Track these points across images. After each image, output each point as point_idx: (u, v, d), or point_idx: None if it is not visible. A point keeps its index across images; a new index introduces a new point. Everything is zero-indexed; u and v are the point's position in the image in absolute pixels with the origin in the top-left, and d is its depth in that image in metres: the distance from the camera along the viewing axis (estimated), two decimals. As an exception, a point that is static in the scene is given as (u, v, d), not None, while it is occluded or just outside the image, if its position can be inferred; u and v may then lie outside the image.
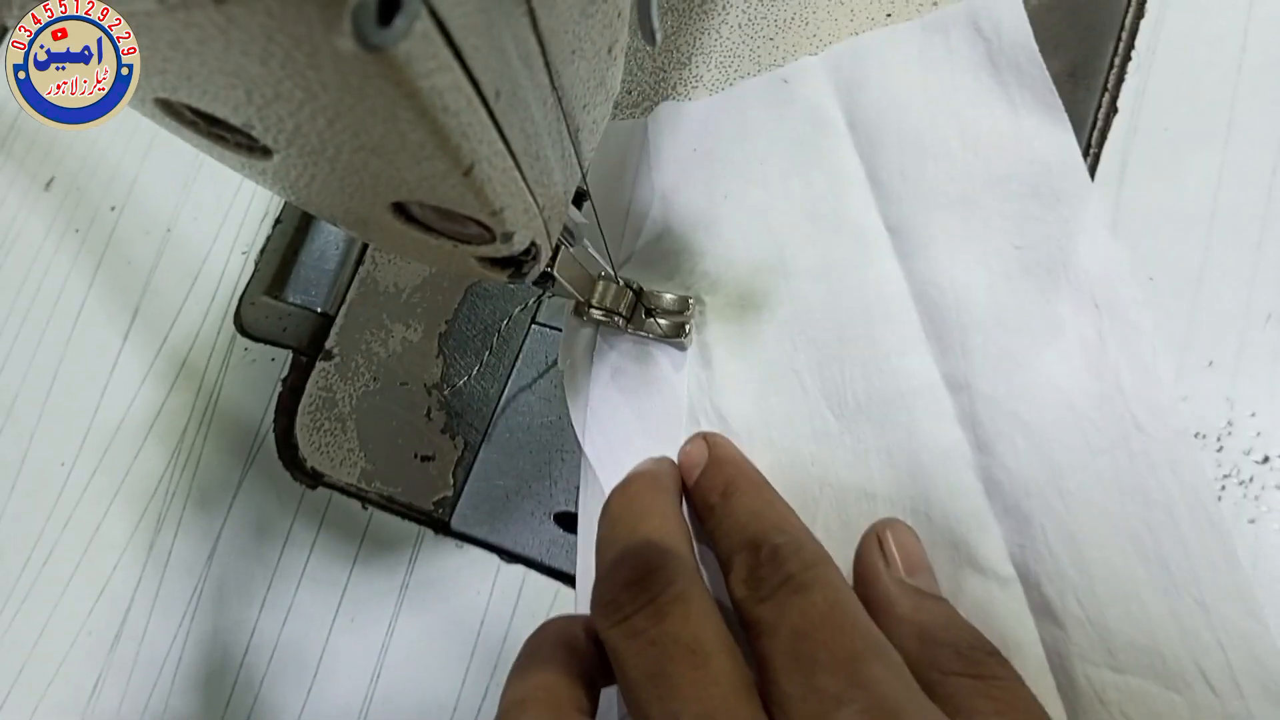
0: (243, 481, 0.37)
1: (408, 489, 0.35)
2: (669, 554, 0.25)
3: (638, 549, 0.25)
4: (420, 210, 0.21)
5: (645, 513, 0.27)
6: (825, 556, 0.25)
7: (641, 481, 0.29)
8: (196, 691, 0.35)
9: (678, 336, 0.32)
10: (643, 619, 0.23)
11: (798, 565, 0.24)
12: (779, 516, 0.27)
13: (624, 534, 0.26)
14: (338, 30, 0.13)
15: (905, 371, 0.30)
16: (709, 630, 0.23)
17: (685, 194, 0.35)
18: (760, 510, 0.28)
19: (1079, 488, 0.27)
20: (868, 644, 0.22)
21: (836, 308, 0.32)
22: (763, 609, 0.24)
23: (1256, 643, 0.25)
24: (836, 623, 0.23)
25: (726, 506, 0.28)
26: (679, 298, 0.33)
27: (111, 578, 0.37)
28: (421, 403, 0.36)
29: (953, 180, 0.31)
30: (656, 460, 0.30)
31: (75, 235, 0.42)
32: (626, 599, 0.24)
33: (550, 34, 0.19)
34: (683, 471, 0.30)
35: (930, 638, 0.24)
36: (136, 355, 0.40)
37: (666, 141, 0.36)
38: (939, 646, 0.24)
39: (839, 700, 0.21)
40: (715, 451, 0.30)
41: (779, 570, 0.25)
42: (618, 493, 0.28)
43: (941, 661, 0.24)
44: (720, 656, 0.23)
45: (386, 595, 0.34)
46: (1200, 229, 0.29)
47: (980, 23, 0.32)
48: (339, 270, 0.39)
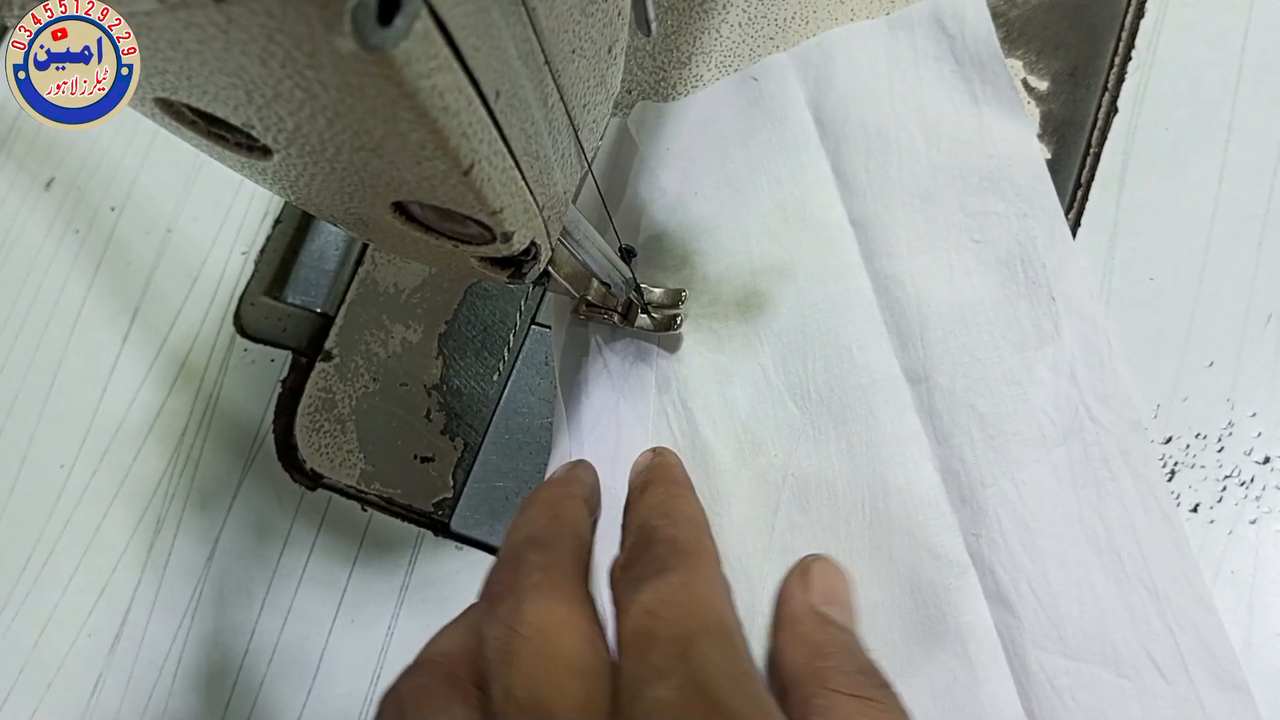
0: (242, 483, 0.37)
1: (407, 490, 0.35)
2: (544, 548, 0.25)
3: (519, 547, 0.26)
4: (420, 210, 0.21)
5: (538, 516, 0.28)
6: (701, 546, 0.25)
7: (549, 489, 0.29)
8: (196, 692, 0.35)
9: (669, 329, 0.32)
10: (505, 607, 0.24)
11: (666, 548, 0.25)
12: (672, 506, 0.27)
13: (514, 535, 0.27)
14: (338, 30, 0.13)
15: (867, 365, 0.31)
16: (561, 614, 0.23)
17: (658, 192, 0.35)
18: (660, 501, 0.28)
19: (1033, 478, 0.28)
20: (708, 624, 0.23)
21: (801, 303, 0.32)
22: (622, 588, 0.25)
23: (1206, 630, 0.26)
24: (683, 602, 0.23)
25: (637, 501, 0.29)
26: (670, 291, 0.33)
27: (111, 579, 0.37)
28: (421, 404, 0.36)
29: (915, 176, 0.32)
30: (572, 465, 0.31)
31: (75, 235, 0.42)
32: (500, 590, 0.25)
33: (550, 34, 0.19)
34: (630, 482, 0.31)
35: (822, 654, 0.25)
36: (136, 356, 0.40)
37: (643, 141, 0.36)
38: (828, 664, 0.25)
39: (660, 674, 0.21)
40: (658, 462, 0.31)
41: (648, 552, 0.25)
42: (524, 502, 0.29)
43: (826, 676, 0.24)
44: (567, 638, 0.23)
45: (386, 596, 0.34)
46: (1201, 229, 0.29)
47: (945, 19, 0.32)
48: (339, 271, 0.39)
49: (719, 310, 0.33)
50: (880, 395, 0.30)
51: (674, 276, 0.34)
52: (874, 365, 0.31)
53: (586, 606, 0.24)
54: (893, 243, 0.31)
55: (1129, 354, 0.29)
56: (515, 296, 0.36)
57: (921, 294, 0.31)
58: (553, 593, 0.24)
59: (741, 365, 0.32)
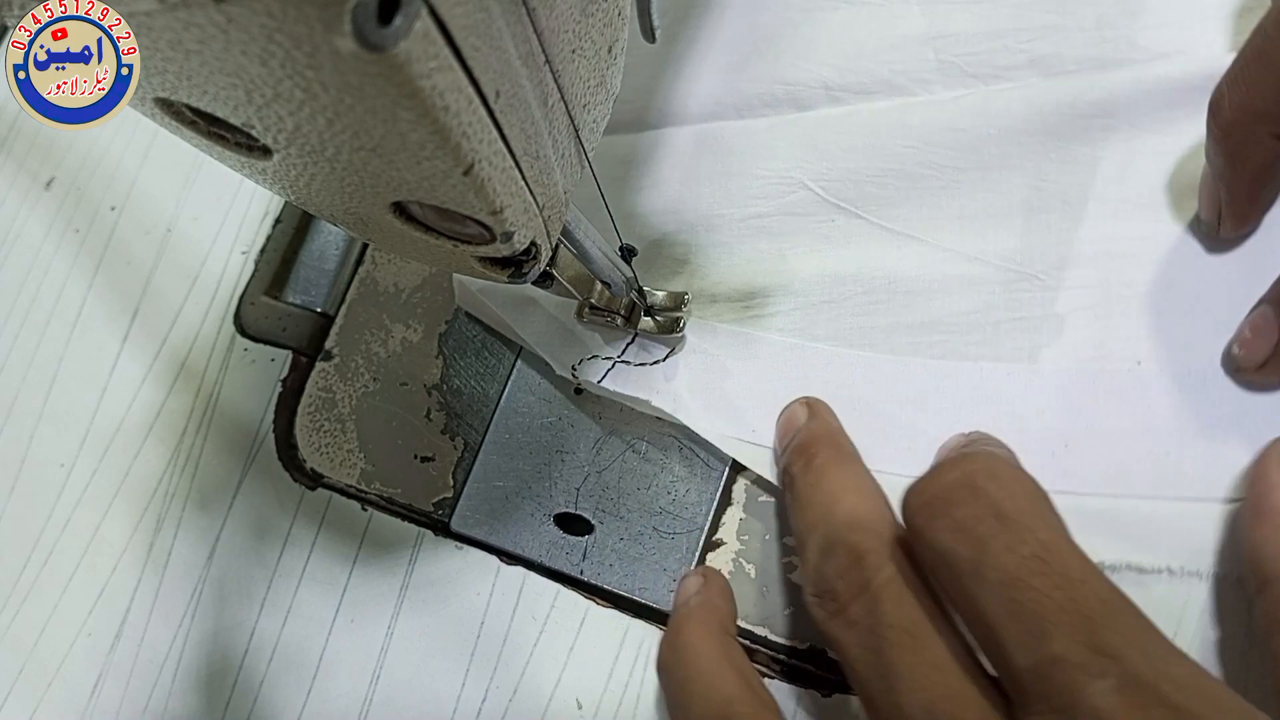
0: (242, 482, 0.37)
1: (407, 490, 0.35)
2: (874, 534, 0.24)
3: (841, 533, 0.25)
4: (420, 210, 0.21)
5: (837, 490, 0.26)
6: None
7: (824, 452, 0.28)
8: (196, 692, 0.35)
9: (673, 332, 0.32)
10: (858, 608, 0.23)
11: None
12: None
13: (821, 517, 0.26)
14: (338, 30, 0.13)
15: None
16: (921, 611, 0.22)
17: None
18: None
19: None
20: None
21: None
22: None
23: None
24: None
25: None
26: (674, 294, 0.33)
27: (111, 579, 0.37)
28: (421, 403, 0.36)
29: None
30: (823, 420, 0.29)
31: (75, 235, 0.42)
32: (842, 588, 0.24)
33: (550, 34, 0.19)
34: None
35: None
36: (136, 356, 0.40)
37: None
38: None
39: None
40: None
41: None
42: (800, 471, 0.28)
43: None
44: (936, 638, 0.22)
45: (386, 596, 0.34)
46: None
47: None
48: (339, 270, 0.39)
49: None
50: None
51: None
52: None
53: (932, 593, 0.23)
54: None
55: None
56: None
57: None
58: (906, 587, 0.23)
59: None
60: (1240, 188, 0.26)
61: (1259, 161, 0.26)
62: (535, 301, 0.34)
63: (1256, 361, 0.26)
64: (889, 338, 0.31)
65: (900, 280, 0.31)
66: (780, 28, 0.35)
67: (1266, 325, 0.26)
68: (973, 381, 0.30)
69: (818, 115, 0.34)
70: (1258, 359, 0.26)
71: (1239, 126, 0.25)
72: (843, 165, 0.33)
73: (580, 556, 0.33)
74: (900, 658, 0.22)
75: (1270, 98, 0.24)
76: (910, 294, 0.31)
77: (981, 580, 0.20)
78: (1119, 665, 0.19)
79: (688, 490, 0.32)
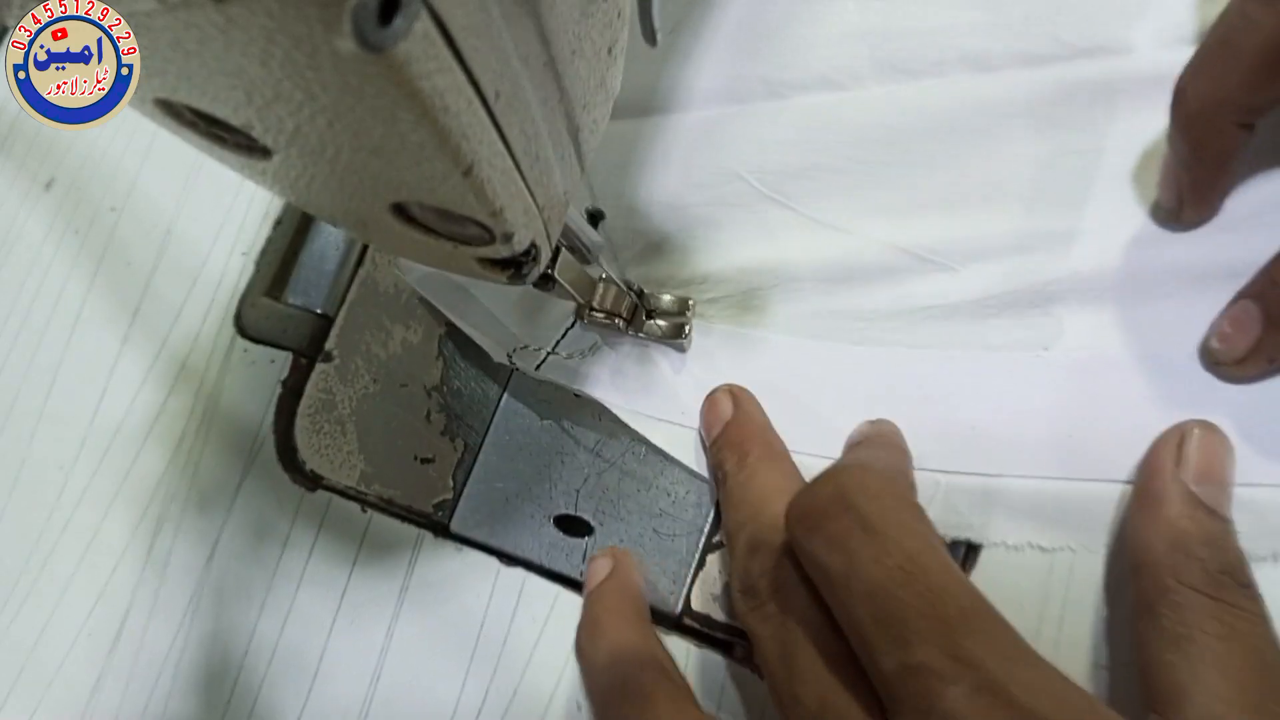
0: (242, 484, 0.37)
1: (407, 491, 0.35)
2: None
3: (766, 534, 0.26)
4: (420, 211, 0.21)
5: (768, 491, 0.28)
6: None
7: (756, 450, 0.29)
8: (196, 693, 0.35)
9: (678, 338, 0.32)
10: (774, 605, 0.25)
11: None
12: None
13: (750, 516, 0.27)
14: (338, 30, 0.13)
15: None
16: (825, 610, 0.23)
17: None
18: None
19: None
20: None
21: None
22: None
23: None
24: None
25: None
26: (678, 299, 0.33)
27: (111, 580, 0.37)
28: (421, 405, 0.36)
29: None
30: (751, 413, 0.30)
31: (75, 236, 0.42)
32: (763, 585, 0.25)
33: (550, 34, 0.19)
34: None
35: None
36: (136, 357, 0.40)
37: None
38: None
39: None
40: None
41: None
42: (733, 469, 0.29)
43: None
44: (836, 638, 0.23)
45: (386, 598, 0.34)
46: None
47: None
48: (339, 271, 0.39)
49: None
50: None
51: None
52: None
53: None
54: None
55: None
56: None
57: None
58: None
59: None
60: (1203, 174, 0.27)
61: (1222, 148, 0.26)
62: (468, 291, 0.35)
63: (1236, 356, 0.26)
64: (810, 324, 0.32)
65: (823, 269, 0.32)
66: (721, 23, 0.35)
67: (1248, 319, 0.26)
68: (887, 367, 0.31)
69: (755, 109, 0.34)
70: (1237, 353, 0.26)
71: (1203, 113, 0.26)
72: (777, 159, 0.33)
73: (580, 558, 0.33)
74: (802, 652, 0.23)
75: (1234, 85, 0.25)
76: (831, 281, 0.32)
77: (852, 591, 0.22)
78: (974, 671, 0.20)
79: (687, 492, 0.32)
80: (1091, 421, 0.28)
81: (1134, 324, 0.29)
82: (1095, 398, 0.28)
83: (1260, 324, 0.26)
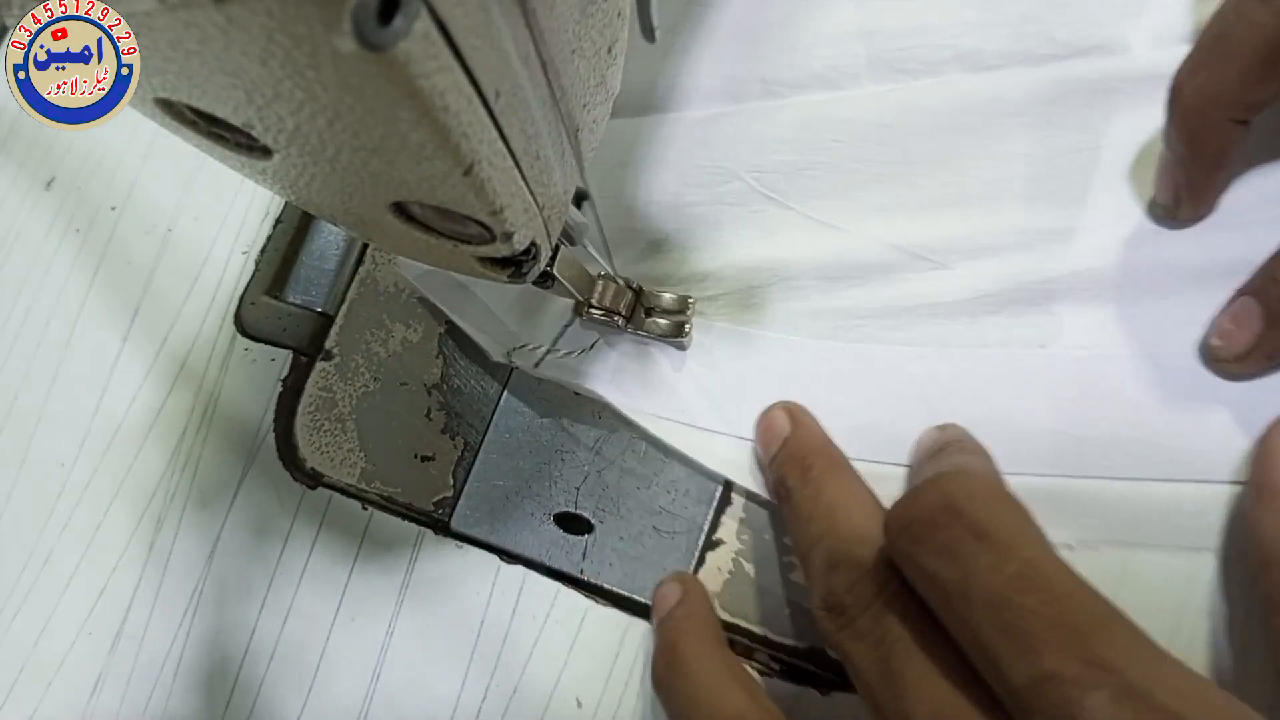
0: (243, 482, 0.37)
1: (408, 489, 0.35)
2: (878, 547, 0.25)
3: (847, 547, 0.25)
4: (420, 210, 0.21)
5: (839, 503, 0.27)
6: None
7: (819, 463, 0.28)
8: (197, 691, 0.35)
9: (678, 336, 0.32)
10: (867, 620, 0.24)
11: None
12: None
13: (825, 530, 0.26)
14: (338, 30, 0.13)
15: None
16: (927, 622, 0.23)
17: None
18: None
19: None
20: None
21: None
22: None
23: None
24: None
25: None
26: (678, 297, 0.33)
27: (111, 578, 0.37)
28: (421, 403, 0.36)
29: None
30: (809, 428, 0.30)
31: (75, 235, 0.42)
32: (850, 602, 0.24)
33: (550, 34, 0.19)
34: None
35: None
36: (136, 355, 0.40)
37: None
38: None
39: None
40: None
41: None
42: (798, 484, 0.28)
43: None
44: (941, 648, 0.22)
45: (386, 595, 0.34)
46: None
47: None
48: (339, 270, 0.39)
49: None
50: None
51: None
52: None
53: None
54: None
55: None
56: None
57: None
58: (913, 599, 0.23)
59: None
60: (1200, 171, 0.27)
61: (1218, 145, 0.26)
62: (468, 289, 0.35)
63: (1236, 352, 0.26)
64: (808, 322, 0.32)
65: (820, 267, 0.32)
66: (720, 22, 0.35)
67: (1248, 316, 0.26)
68: (888, 365, 0.31)
69: (752, 108, 0.34)
70: (1238, 350, 0.26)
71: (1199, 111, 0.26)
72: (775, 158, 0.33)
73: (580, 556, 0.33)
74: (907, 667, 0.22)
75: (1230, 82, 0.25)
76: (828, 280, 0.32)
77: (970, 601, 0.21)
78: (1113, 676, 0.19)
79: (688, 490, 0.32)
80: (1094, 420, 0.28)
81: (1134, 321, 0.29)
82: (1096, 395, 0.28)
83: (1260, 321, 0.26)
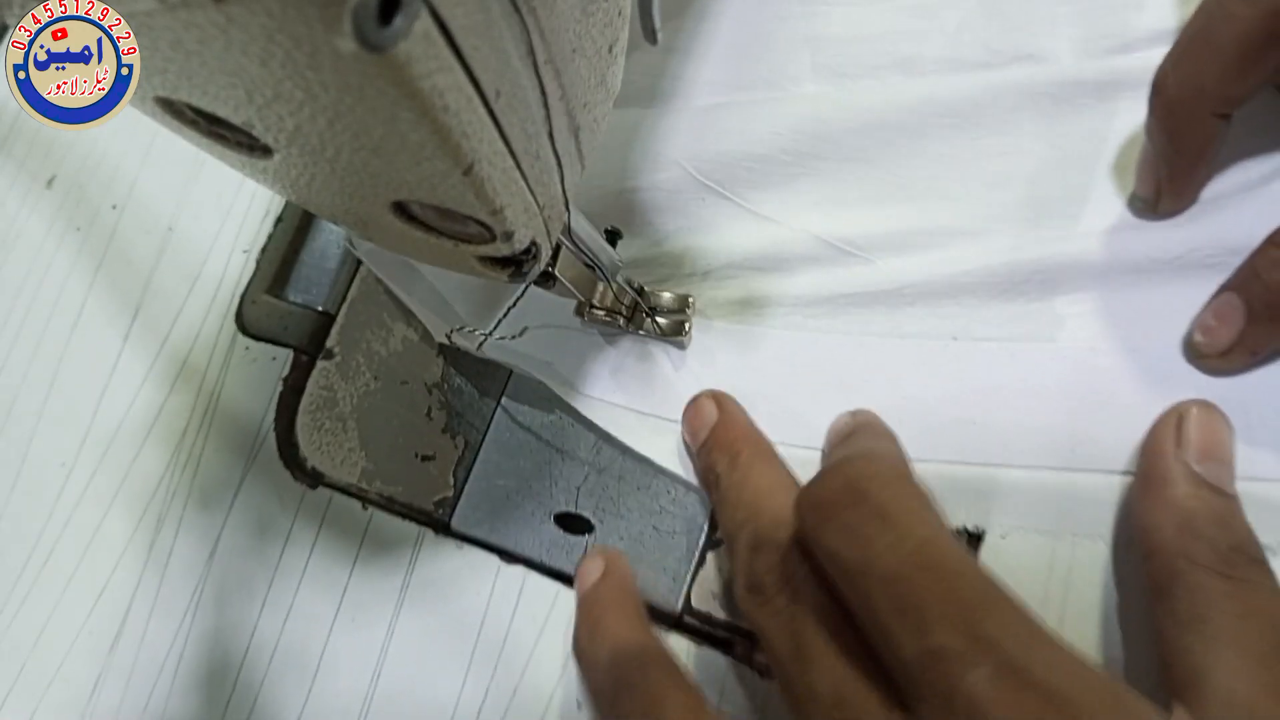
0: (243, 481, 0.37)
1: (408, 489, 0.35)
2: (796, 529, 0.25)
3: (769, 531, 0.26)
4: (420, 210, 0.21)
5: (764, 489, 0.28)
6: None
7: (746, 451, 0.29)
8: (197, 691, 0.35)
9: (678, 335, 0.32)
10: (782, 599, 0.25)
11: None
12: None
13: (750, 515, 0.27)
14: (338, 30, 0.13)
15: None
16: (836, 600, 0.24)
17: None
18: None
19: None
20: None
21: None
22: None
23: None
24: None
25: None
26: (678, 296, 0.33)
27: (111, 578, 0.37)
28: (422, 402, 0.36)
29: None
30: (736, 415, 0.31)
31: (76, 234, 0.42)
32: (769, 582, 0.25)
33: (550, 33, 0.19)
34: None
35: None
36: (137, 355, 0.40)
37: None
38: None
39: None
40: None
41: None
42: (725, 470, 0.29)
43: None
44: (847, 627, 0.23)
45: (387, 595, 0.34)
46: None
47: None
48: (340, 269, 0.39)
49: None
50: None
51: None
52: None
53: None
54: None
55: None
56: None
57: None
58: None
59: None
60: (1181, 165, 0.27)
61: (1200, 139, 0.27)
62: (415, 268, 0.35)
63: (1219, 348, 0.27)
64: (740, 310, 0.33)
65: (751, 258, 0.33)
66: (674, 29, 0.37)
67: (1231, 312, 0.26)
68: (810, 351, 0.32)
69: (694, 105, 0.35)
70: (1221, 345, 0.26)
71: (1181, 104, 0.26)
72: (714, 148, 0.34)
73: (581, 556, 0.33)
74: (813, 643, 0.23)
75: (1212, 76, 0.25)
76: (758, 271, 0.33)
77: (868, 578, 0.22)
78: (995, 653, 0.20)
79: (687, 489, 0.32)
80: (1081, 414, 0.28)
81: (1117, 317, 0.29)
82: (1083, 390, 0.28)
83: (1243, 316, 0.26)
